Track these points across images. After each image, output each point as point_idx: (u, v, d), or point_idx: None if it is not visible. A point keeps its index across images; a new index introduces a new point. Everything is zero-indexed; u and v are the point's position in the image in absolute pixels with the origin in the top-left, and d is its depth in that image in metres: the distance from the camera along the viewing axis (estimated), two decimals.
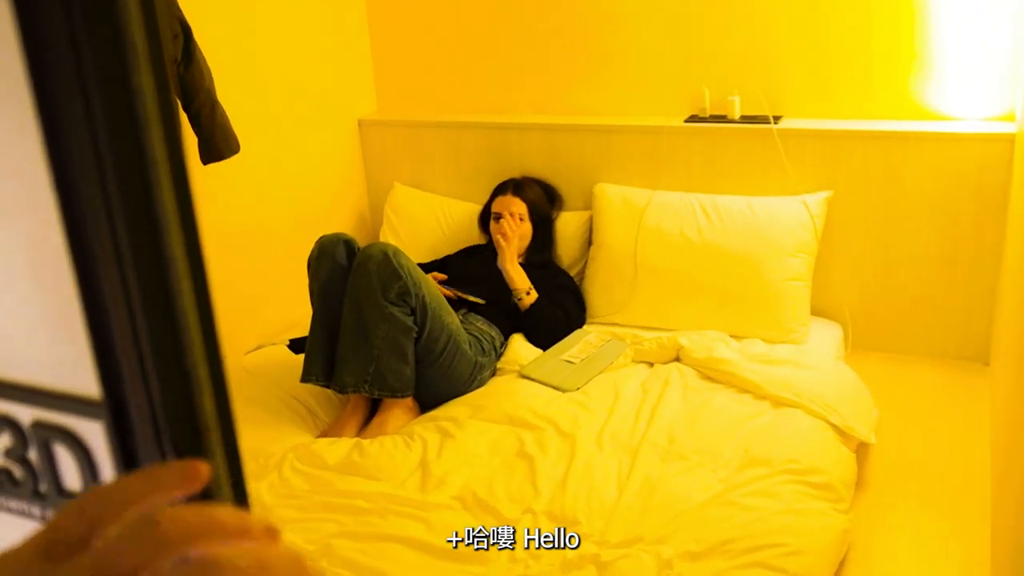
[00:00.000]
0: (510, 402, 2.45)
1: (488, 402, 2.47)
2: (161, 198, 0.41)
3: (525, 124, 3.30)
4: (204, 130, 2.51)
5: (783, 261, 2.81)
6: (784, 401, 2.38)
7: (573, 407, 2.43)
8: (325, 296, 2.48)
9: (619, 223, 3.04)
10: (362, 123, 3.56)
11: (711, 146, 3.02)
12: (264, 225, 3.09)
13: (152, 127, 0.42)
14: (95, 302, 0.41)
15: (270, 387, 2.59)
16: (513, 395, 2.50)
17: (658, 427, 2.31)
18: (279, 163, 3.14)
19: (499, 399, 2.48)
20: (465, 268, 3.06)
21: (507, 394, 2.51)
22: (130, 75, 0.40)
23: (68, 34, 0.39)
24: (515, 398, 2.48)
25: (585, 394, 2.51)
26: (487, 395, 2.54)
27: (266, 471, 2.22)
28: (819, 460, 2.15)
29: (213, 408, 0.42)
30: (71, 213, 0.41)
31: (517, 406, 2.42)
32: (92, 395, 0.42)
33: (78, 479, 0.44)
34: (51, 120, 0.41)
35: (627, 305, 2.97)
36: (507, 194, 3.12)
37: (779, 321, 2.80)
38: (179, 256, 0.41)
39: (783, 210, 2.86)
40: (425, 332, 2.45)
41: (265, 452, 2.31)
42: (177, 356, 0.41)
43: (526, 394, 2.51)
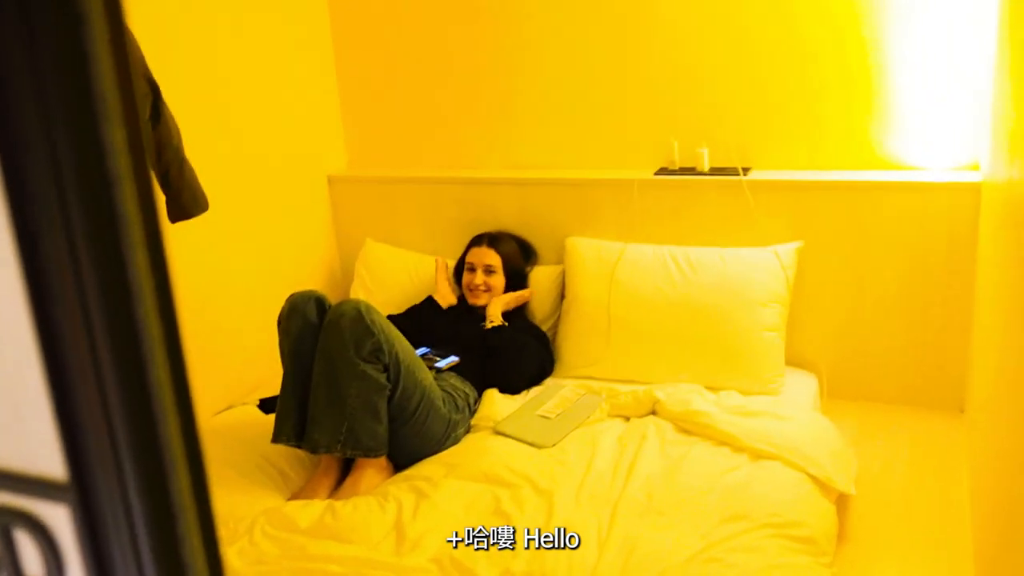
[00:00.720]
0: (485, 459, 2.42)
1: (463, 460, 2.43)
2: (134, 261, 0.39)
3: (497, 179, 3.30)
4: (172, 188, 2.47)
5: (756, 312, 2.81)
6: (762, 453, 2.36)
7: (550, 463, 2.40)
8: (296, 354, 2.44)
9: (591, 277, 3.03)
10: (332, 179, 3.55)
11: (681, 198, 3.04)
12: (233, 283, 3.05)
13: (124, 185, 0.39)
14: (60, 374, 0.38)
15: (240, 448, 2.54)
16: (488, 452, 2.47)
17: (636, 482, 2.28)
18: (248, 220, 3.11)
19: (474, 456, 2.45)
20: (435, 324, 3.03)
21: (482, 451, 2.48)
22: (101, 129, 0.37)
23: (35, 86, 0.36)
24: (490, 455, 2.44)
25: (561, 450, 2.48)
26: (462, 453, 2.50)
27: (236, 536, 2.15)
28: (800, 513, 2.12)
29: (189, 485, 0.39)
30: (36, 279, 0.38)
31: (493, 463, 2.39)
32: (57, 477, 0.39)
33: (41, 568, 0.40)
34: (16, 182, 0.38)
35: (602, 359, 2.95)
36: (482, 246, 3.13)
37: (754, 372, 2.79)
38: (153, 323, 0.38)
39: (755, 261, 2.87)
40: (399, 390, 2.41)
41: (235, 516, 2.24)
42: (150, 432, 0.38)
43: (501, 451, 2.47)
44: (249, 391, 3.01)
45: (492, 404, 2.73)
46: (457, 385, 2.72)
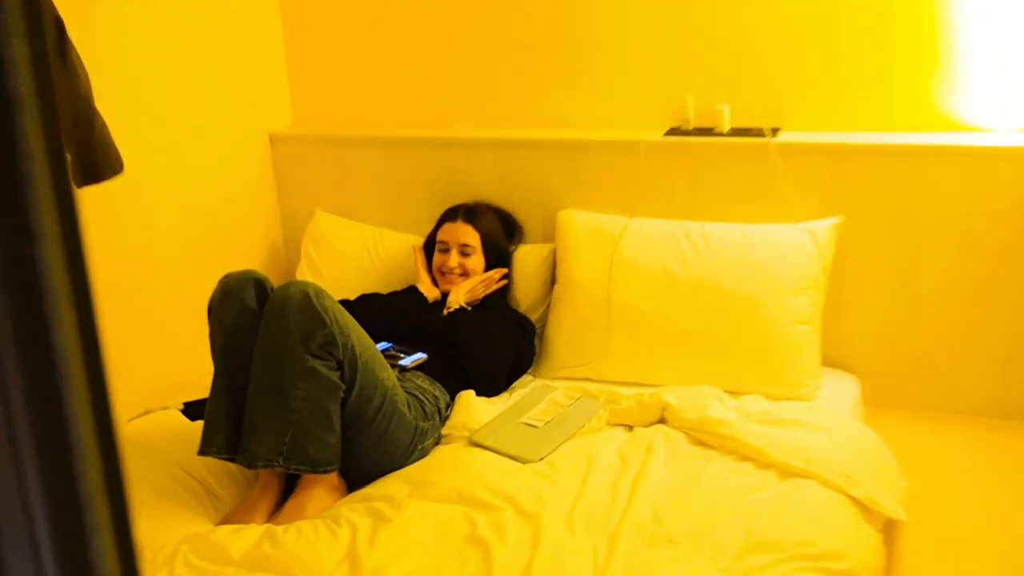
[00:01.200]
0: (459, 476, 2.42)
1: (432, 476, 2.43)
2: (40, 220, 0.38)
3: (475, 140, 3.30)
4: (80, 147, 2.46)
5: (786, 301, 2.83)
6: (793, 470, 2.38)
7: (537, 481, 2.41)
8: (230, 348, 2.43)
9: (589, 257, 3.04)
10: (274, 138, 3.54)
11: (697, 164, 3.05)
12: (154, 261, 3.03)
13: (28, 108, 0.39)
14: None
15: (159, 462, 2.53)
16: (463, 467, 2.47)
17: (641, 504, 2.28)
18: (172, 186, 3.09)
19: (445, 472, 2.45)
20: (399, 313, 3.04)
21: (455, 466, 2.48)
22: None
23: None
24: (465, 471, 2.44)
25: (551, 465, 2.49)
26: (431, 468, 2.50)
27: (154, 567, 2.15)
28: (839, 542, 2.14)
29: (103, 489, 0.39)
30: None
31: (468, 481, 2.39)
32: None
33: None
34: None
35: (600, 356, 2.96)
36: (457, 221, 3.13)
37: (784, 373, 2.81)
38: (64, 305, 0.38)
39: (785, 239, 2.88)
40: (355, 391, 2.41)
41: (153, 544, 2.23)
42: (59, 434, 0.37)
43: (478, 466, 2.47)
44: (172, 392, 2.99)
45: (467, 409, 2.73)
46: (425, 387, 2.72)
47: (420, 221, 3.35)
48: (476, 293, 3.09)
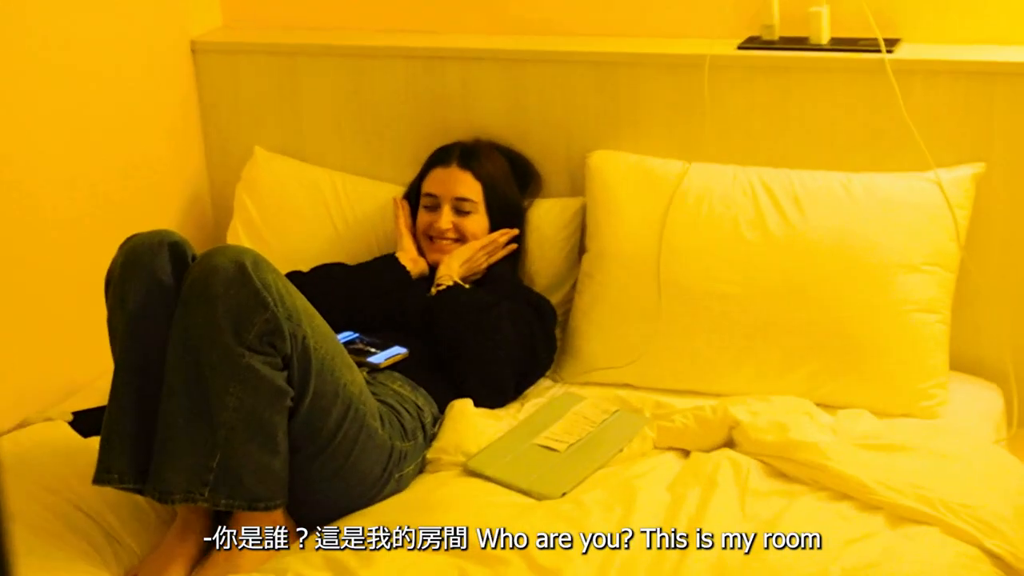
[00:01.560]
0: (449, 516, 2.41)
1: (413, 517, 2.42)
2: None
3: (476, 51, 3.29)
4: None
5: (904, 279, 2.82)
6: (909, 514, 2.37)
7: (556, 524, 2.39)
8: (136, 337, 2.43)
9: (632, 216, 3.04)
10: (198, 47, 3.53)
11: (783, 88, 3.04)
12: (31, 221, 3.03)
13: None
14: None
15: (38, 492, 2.52)
16: (455, 504, 2.47)
17: (702, 557, 2.28)
18: (53, 113, 3.09)
19: (431, 512, 2.44)
20: (370, 292, 3.05)
21: (446, 503, 2.48)
22: None
23: None
24: (458, 510, 2.44)
25: (576, 503, 2.48)
26: (411, 505, 2.50)
27: None
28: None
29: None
30: None
31: (463, 522, 2.37)
32: None
33: None
34: None
35: (645, 353, 2.96)
36: (451, 166, 3.13)
37: (897, 380, 2.81)
38: None
39: (903, 195, 2.88)
40: (307, 399, 2.41)
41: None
42: None
43: (477, 503, 2.48)
44: (59, 397, 3.00)
45: (462, 425, 2.73)
46: (405, 394, 2.72)
47: (398, 165, 3.35)
48: (476, 263, 3.09)
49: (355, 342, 2.85)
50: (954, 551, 2.29)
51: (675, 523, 2.40)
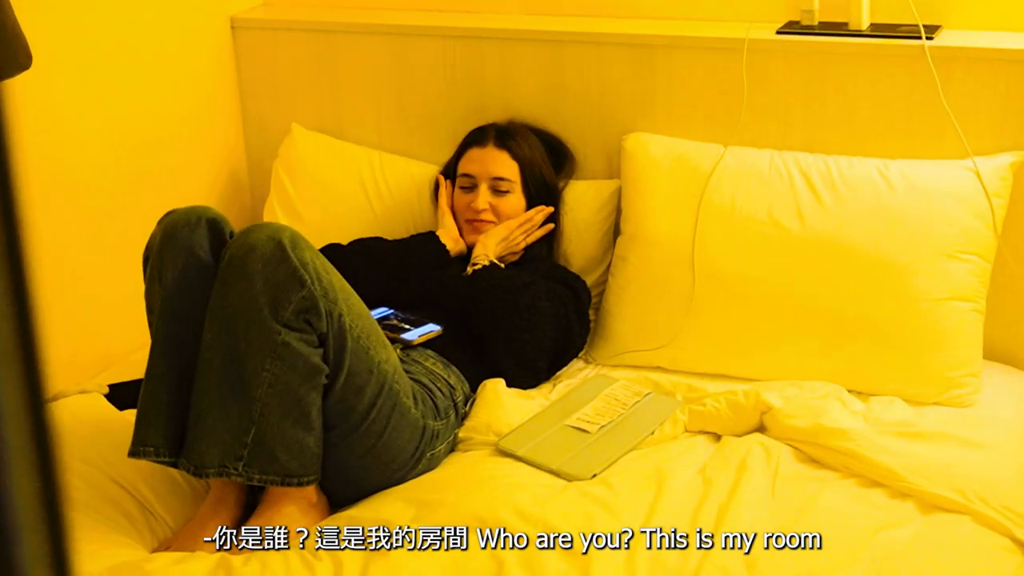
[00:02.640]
0: (480, 496, 2.43)
1: (443, 496, 2.45)
2: None
3: (512, 31, 3.29)
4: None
5: (940, 267, 2.82)
6: (940, 502, 2.37)
7: (587, 505, 2.41)
8: (173, 312, 2.45)
9: (667, 199, 3.03)
10: (238, 23, 3.54)
11: (821, 74, 3.03)
12: (70, 193, 3.05)
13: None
14: None
15: (75, 464, 2.54)
16: (485, 484, 2.49)
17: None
18: (95, 90, 3.11)
19: (462, 491, 2.47)
20: (407, 268, 3.06)
21: (475, 482, 2.50)
22: None
23: None
24: (488, 489, 2.46)
25: (606, 484, 2.49)
26: (441, 484, 2.52)
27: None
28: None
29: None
30: None
31: (492, 503, 2.40)
32: None
33: None
34: None
35: (678, 337, 2.96)
36: (487, 146, 3.13)
37: (931, 368, 2.80)
38: None
39: (940, 182, 2.87)
40: (342, 377, 2.43)
41: None
42: None
43: (507, 482, 2.49)
44: (96, 370, 3.02)
45: (494, 404, 2.74)
46: (438, 372, 2.73)
47: (436, 144, 3.35)
48: (513, 242, 3.10)
49: (389, 318, 2.87)
50: (985, 541, 2.30)
51: (705, 506, 2.41)
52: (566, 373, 3.01)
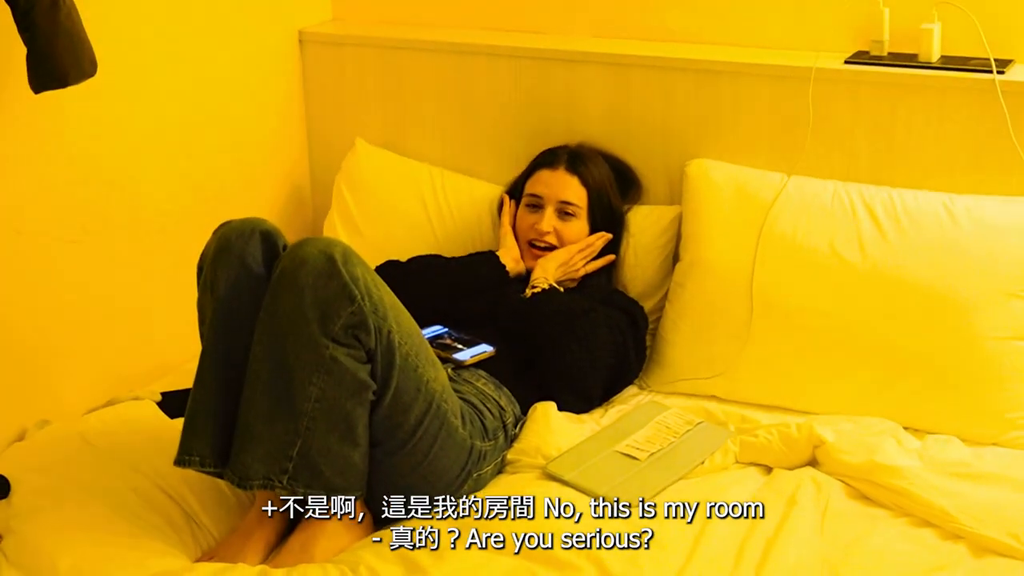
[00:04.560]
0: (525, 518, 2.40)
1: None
2: None
3: (579, 53, 3.29)
4: (39, 36, 2.50)
5: (1004, 306, 2.78)
6: (993, 545, 2.33)
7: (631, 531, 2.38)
8: (224, 323, 2.45)
9: (727, 227, 3.03)
10: (306, 37, 3.56)
11: (889, 105, 3.00)
12: (131, 202, 3.07)
13: None
14: None
15: (123, 470, 2.57)
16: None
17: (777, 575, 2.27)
18: (161, 99, 3.13)
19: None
20: (465, 288, 3.07)
21: None
22: None
23: None
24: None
25: (656, 513, 2.47)
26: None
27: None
28: None
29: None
30: None
31: (537, 527, 2.37)
32: None
33: None
34: None
35: (734, 366, 2.95)
36: (558, 169, 3.13)
37: (990, 408, 2.77)
38: None
39: (1007, 219, 2.84)
40: (389, 394, 2.42)
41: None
42: None
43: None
44: (148, 378, 3.04)
45: (544, 428, 2.73)
46: (488, 392, 2.72)
47: (498, 163, 3.36)
48: (572, 267, 3.09)
49: (443, 337, 2.87)
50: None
51: (752, 539, 2.38)
52: (619, 398, 2.99)
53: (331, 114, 3.59)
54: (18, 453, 2.70)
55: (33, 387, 2.87)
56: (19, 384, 2.83)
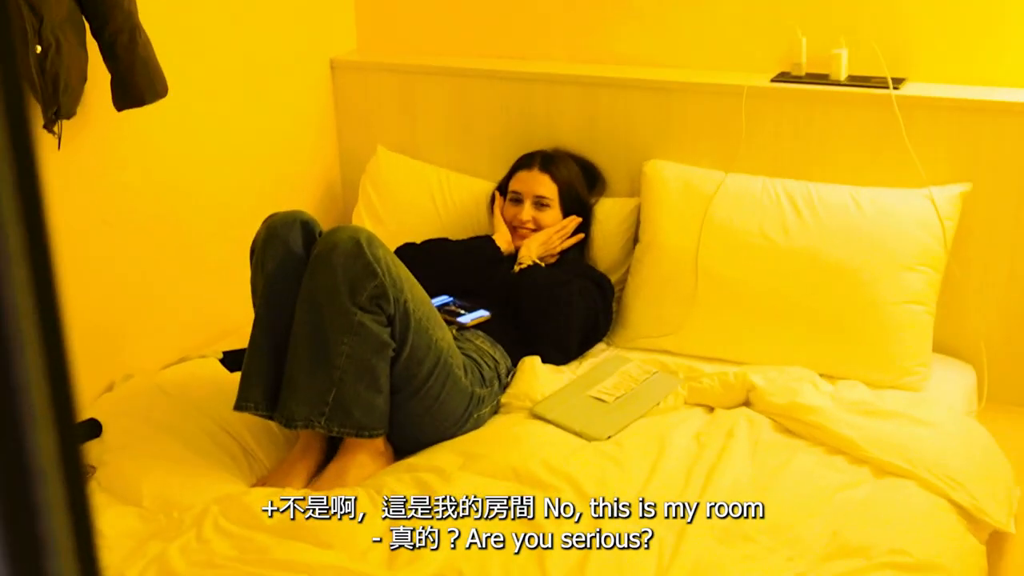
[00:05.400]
0: (516, 451, 2.44)
1: (486, 449, 2.46)
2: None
3: (556, 75, 3.29)
4: (121, 64, 2.51)
5: (898, 277, 2.79)
6: (891, 468, 2.35)
7: (601, 461, 2.42)
8: (272, 295, 2.47)
9: (677, 215, 3.02)
10: (336, 64, 3.56)
11: (807, 115, 3.00)
12: (196, 197, 3.08)
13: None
14: None
15: (193, 414, 2.59)
16: (521, 441, 2.49)
17: (716, 495, 2.28)
18: (219, 114, 3.13)
19: (501, 446, 2.47)
20: (467, 265, 3.07)
21: (512, 439, 2.50)
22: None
23: None
24: (523, 445, 2.46)
25: (619, 445, 2.49)
26: (485, 440, 2.52)
27: (180, 529, 2.20)
28: (935, 552, 2.11)
29: None
30: None
31: (525, 457, 2.41)
32: None
33: None
34: None
35: (682, 327, 2.96)
36: (534, 169, 3.13)
37: (889, 358, 2.78)
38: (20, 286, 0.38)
39: (901, 207, 2.84)
40: (406, 350, 2.44)
41: (180, 503, 2.29)
42: None
43: (538, 441, 2.49)
44: (213, 340, 3.06)
45: (531, 377, 2.74)
46: (486, 349, 2.74)
47: (492, 165, 3.35)
48: (551, 245, 3.09)
49: (449, 305, 2.87)
50: (926, 500, 2.29)
51: (698, 465, 2.41)
52: (591, 353, 2.99)
53: (357, 126, 3.59)
54: (108, 401, 2.71)
55: (119, 348, 2.89)
56: (108, 345, 2.85)
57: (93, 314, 2.79)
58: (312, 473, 2.49)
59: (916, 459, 2.35)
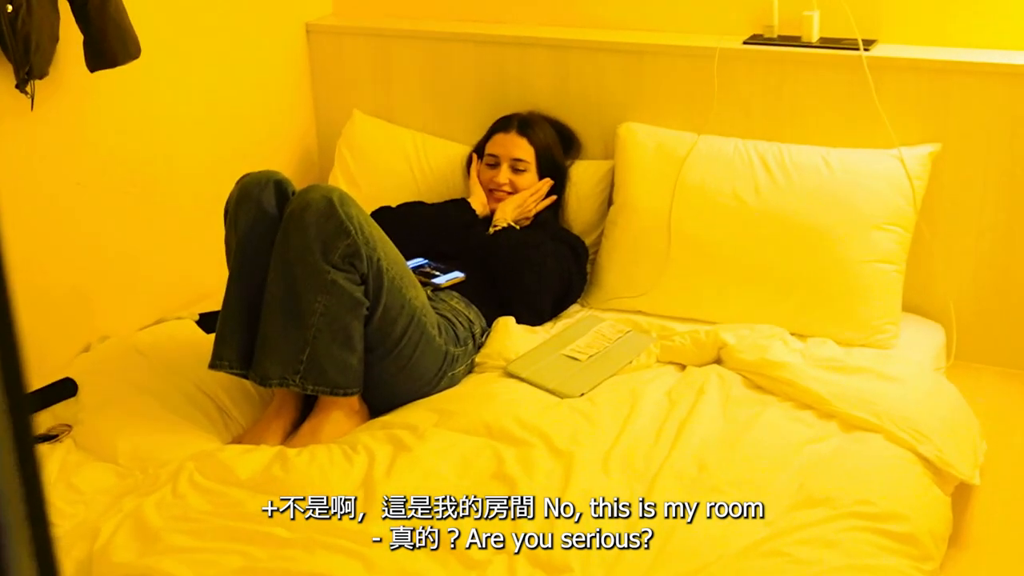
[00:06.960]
0: (489, 408, 2.45)
1: (460, 406, 2.47)
2: None
3: (530, 39, 3.28)
4: (93, 26, 2.50)
5: (869, 235, 2.81)
6: (858, 423, 2.38)
7: (574, 418, 2.43)
8: (245, 255, 2.47)
9: (650, 177, 3.03)
10: (312, 28, 3.55)
11: (778, 77, 3.01)
12: (174, 161, 3.08)
13: None
14: None
15: (168, 374, 2.60)
16: (494, 398, 2.50)
17: (686, 449, 2.30)
18: (194, 76, 3.12)
19: (474, 403, 2.49)
20: (442, 228, 3.07)
21: (485, 397, 2.51)
22: None
23: None
24: (496, 403, 2.48)
25: (591, 401, 2.51)
26: (459, 397, 2.54)
27: (156, 484, 2.22)
28: (900, 503, 2.14)
29: None
30: None
31: (498, 413, 2.42)
32: None
33: None
34: None
35: (655, 287, 2.97)
36: (510, 132, 3.13)
37: (859, 316, 2.80)
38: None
39: (871, 167, 2.85)
40: (379, 309, 2.45)
41: (156, 459, 2.31)
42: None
43: (511, 398, 2.50)
44: (189, 302, 3.06)
45: (505, 337, 2.76)
46: (460, 309, 2.75)
47: (467, 128, 3.35)
48: (526, 208, 3.10)
49: (424, 266, 2.88)
50: (892, 453, 2.32)
51: (669, 421, 2.43)
52: (565, 314, 3.00)
53: (333, 90, 3.58)
54: (84, 361, 2.71)
55: (95, 309, 2.89)
56: (84, 307, 2.85)
57: (68, 276, 2.79)
58: (287, 431, 2.50)
59: (883, 413, 2.38)
